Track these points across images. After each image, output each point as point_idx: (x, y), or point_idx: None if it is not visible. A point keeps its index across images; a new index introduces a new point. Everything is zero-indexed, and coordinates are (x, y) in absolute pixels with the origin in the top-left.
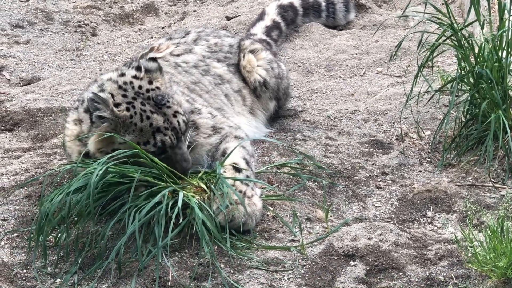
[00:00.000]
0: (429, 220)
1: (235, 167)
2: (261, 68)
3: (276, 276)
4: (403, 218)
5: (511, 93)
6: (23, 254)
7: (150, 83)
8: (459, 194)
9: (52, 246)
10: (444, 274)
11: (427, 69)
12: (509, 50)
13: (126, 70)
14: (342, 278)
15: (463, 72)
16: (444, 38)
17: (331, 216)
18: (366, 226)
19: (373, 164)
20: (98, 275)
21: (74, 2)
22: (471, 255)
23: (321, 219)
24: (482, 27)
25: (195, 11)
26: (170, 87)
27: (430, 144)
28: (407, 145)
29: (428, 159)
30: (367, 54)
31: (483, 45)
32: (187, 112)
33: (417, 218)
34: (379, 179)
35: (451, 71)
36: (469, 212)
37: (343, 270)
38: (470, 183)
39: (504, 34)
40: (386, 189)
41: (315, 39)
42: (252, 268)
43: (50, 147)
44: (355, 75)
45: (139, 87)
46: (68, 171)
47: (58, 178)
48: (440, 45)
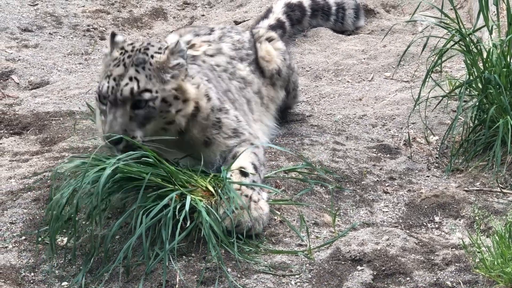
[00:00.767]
0: (436, 225)
1: (242, 171)
2: (277, 58)
3: (283, 281)
4: (410, 223)
5: None
6: (31, 257)
7: (156, 53)
8: (467, 200)
9: (59, 249)
10: (452, 279)
11: (435, 74)
12: None
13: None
14: (349, 283)
15: (471, 77)
16: (453, 43)
17: (338, 220)
18: (374, 231)
19: (380, 169)
20: (105, 278)
21: (83, 6)
22: (478, 260)
23: (328, 223)
24: (490, 33)
25: (203, 15)
26: (167, 71)
27: (438, 149)
28: (414, 150)
29: (436, 164)
30: (375, 59)
31: (491, 50)
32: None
33: (424, 223)
34: (387, 184)
35: (459, 76)
36: (477, 218)
37: (350, 275)
38: (478, 188)
39: None
40: (393, 194)
41: (323, 44)
42: (259, 273)
43: (58, 151)
44: (363, 80)
45: (146, 49)
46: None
47: (67, 175)
48: (448, 50)
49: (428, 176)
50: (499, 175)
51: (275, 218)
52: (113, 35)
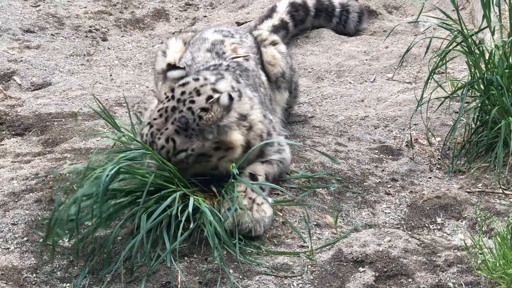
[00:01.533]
0: (438, 227)
1: (252, 175)
2: (281, 61)
3: (285, 282)
4: (412, 224)
5: None
6: (33, 258)
7: (203, 109)
8: (469, 201)
9: (61, 251)
10: (454, 280)
11: (437, 75)
12: None
13: (218, 85)
14: (351, 285)
15: (473, 79)
16: (455, 44)
17: (340, 222)
18: (376, 232)
19: (382, 170)
20: (107, 279)
21: (85, 7)
22: (480, 262)
23: (330, 225)
24: (492, 34)
25: (205, 16)
26: (212, 130)
27: (440, 150)
28: (417, 151)
29: (438, 166)
30: (377, 60)
31: (493, 51)
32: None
33: (426, 225)
34: (389, 185)
35: (461, 78)
36: (478, 219)
37: (352, 276)
38: (480, 189)
39: None
40: (395, 195)
41: (325, 45)
42: (261, 274)
43: (61, 152)
44: (365, 81)
45: (192, 101)
46: (77, 175)
47: (70, 179)
48: (450, 51)
49: (430, 178)
50: (501, 177)
51: (277, 219)
52: (169, 68)
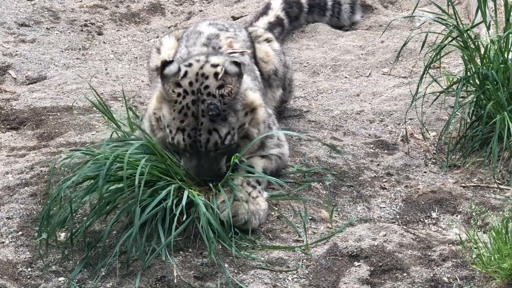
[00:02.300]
0: (433, 221)
1: (249, 171)
2: (274, 58)
3: (280, 276)
4: (407, 219)
5: None
6: (28, 252)
7: (219, 87)
8: (464, 195)
9: (55, 245)
10: (448, 275)
11: (433, 70)
12: None
13: (212, 60)
14: (346, 279)
15: (468, 73)
16: (450, 39)
17: (335, 216)
18: (371, 227)
19: (378, 164)
20: (102, 273)
21: (81, 1)
22: (475, 256)
23: (325, 219)
24: (488, 28)
25: (201, 10)
26: (238, 99)
27: (435, 145)
28: (412, 146)
29: (433, 160)
30: (373, 54)
31: (489, 46)
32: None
33: (421, 219)
34: (384, 180)
35: (457, 72)
36: (474, 213)
37: (347, 271)
38: (475, 184)
39: (510, 35)
40: (391, 189)
41: (321, 40)
42: (256, 268)
43: (56, 146)
44: (361, 75)
45: (206, 86)
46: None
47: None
48: (446, 46)
49: (425, 172)
50: (496, 171)
51: (273, 213)
52: (163, 65)
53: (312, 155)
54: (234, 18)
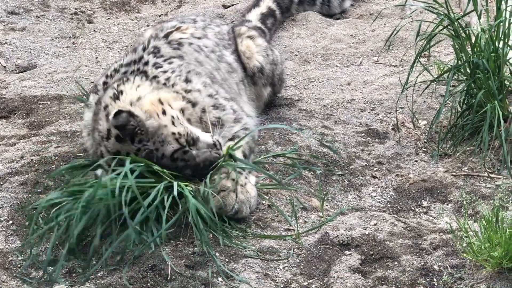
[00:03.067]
0: (424, 210)
1: (231, 156)
2: (258, 54)
3: (271, 265)
4: (398, 207)
5: (507, 83)
6: (18, 241)
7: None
8: (455, 184)
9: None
10: (439, 263)
11: (424, 58)
12: (505, 40)
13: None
14: (337, 267)
15: (459, 62)
16: (441, 27)
17: (326, 205)
18: (362, 216)
19: (369, 153)
20: (93, 263)
21: None
22: (466, 245)
23: (316, 208)
24: (479, 17)
25: None
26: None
27: (426, 134)
28: (403, 134)
29: (424, 149)
30: (364, 43)
31: (480, 35)
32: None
33: (412, 208)
34: (375, 169)
35: (447, 61)
36: (464, 202)
37: (338, 260)
38: (465, 173)
39: (501, 24)
40: (382, 178)
41: (312, 28)
42: (247, 257)
43: (46, 135)
44: (352, 64)
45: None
46: (63, 158)
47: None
48: (436, 34)
49: (416, 161)
50: (487, 160)
51: (263, 202)
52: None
53: (303, 144)
54: (225, 7)
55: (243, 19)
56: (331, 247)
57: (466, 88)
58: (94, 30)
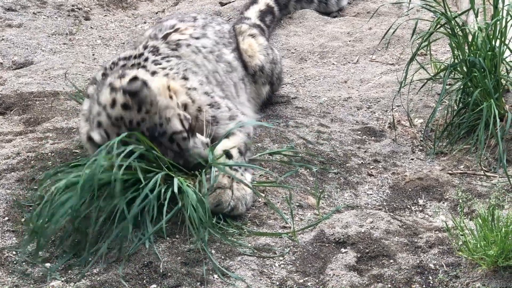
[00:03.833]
0: (420, 208)
1: (227, 154)
2: (260, 53)
3: (267, 263)
4: (394, 206)
5: (503, 82)
6: (14, 238)
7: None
8: (451, 183)
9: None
10: (435, 262)
11: (420, 57)
12: (502, 39)
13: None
14: (333, 265)
15: (456, 61)
16: (438, 26)
17: (322, 203)
18: (358, 214)
19: (365, 151)
20: (89, 259)
21: None
22: (461, 243)
23: (312, 206)
24: (476, 16)
25: None
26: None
27: (423, 132)
28: (399, 133)
29: (420, 147)
30: (361, 41)
31: (476, 33)
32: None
33: (408, 206)
34: (371, 167)
35: (444, 59)
36: (460, 201)
37: (334, 257)
38: (461, 171)
39: (497, 23)
40: (378, 176)
41: (308, 26)
42: (243, 255)
43: (42, 131)
44: (349, 62)
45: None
46: (59, 154)
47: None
48: (433, 33)
49: (412, 159)
50: (483, 158)
51: (259, 200)
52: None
53: (299, 142)
54: (222, 4)
55: (242, 16)
56: (327, 245)
57: (462, 87)
58: (91, 27)
